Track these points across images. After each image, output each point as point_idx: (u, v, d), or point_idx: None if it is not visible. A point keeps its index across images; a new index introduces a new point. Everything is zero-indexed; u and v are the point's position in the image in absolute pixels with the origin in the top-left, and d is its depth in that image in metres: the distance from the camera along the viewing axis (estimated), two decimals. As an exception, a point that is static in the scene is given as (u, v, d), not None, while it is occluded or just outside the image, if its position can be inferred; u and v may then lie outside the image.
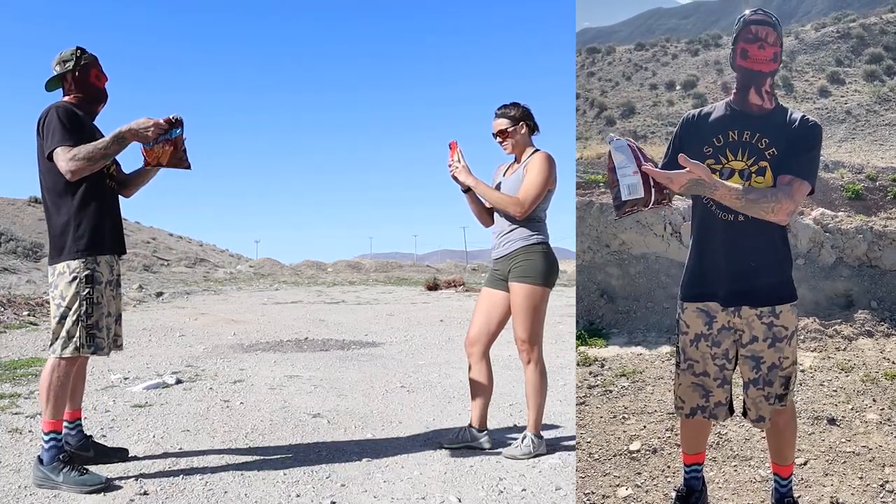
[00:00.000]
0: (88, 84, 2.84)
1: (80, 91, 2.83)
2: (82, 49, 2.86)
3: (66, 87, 2.85)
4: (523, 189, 3.07)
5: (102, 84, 2.90)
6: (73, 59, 2.82)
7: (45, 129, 2.67)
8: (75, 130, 2.68)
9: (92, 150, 2.65)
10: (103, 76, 2.90)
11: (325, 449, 3.23)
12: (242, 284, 20.21)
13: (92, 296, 2.69)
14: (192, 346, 6.76)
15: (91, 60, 2.86)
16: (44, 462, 2.66)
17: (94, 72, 2.86)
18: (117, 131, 2.68)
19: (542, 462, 3.02)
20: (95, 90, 2.87)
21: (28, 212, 25.91)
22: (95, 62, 2.88)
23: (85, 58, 2.84)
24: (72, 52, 2.83)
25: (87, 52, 2.87)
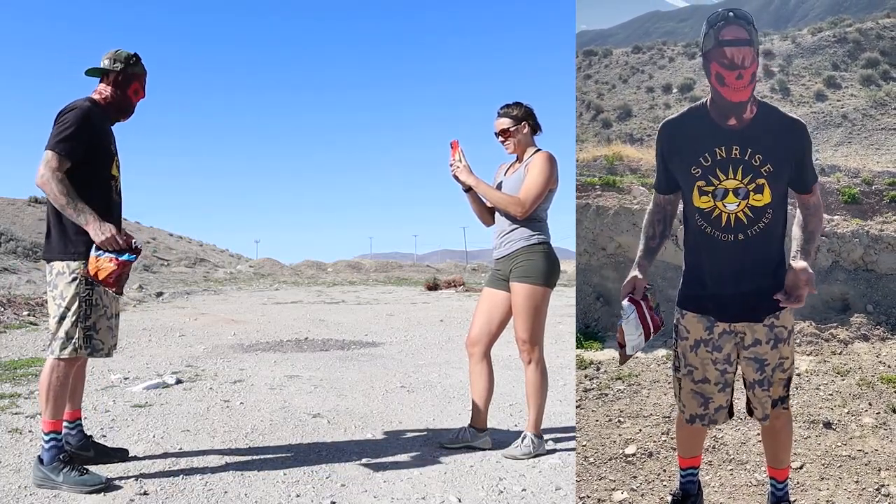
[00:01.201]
0: (124, 93, 2.83)
1: (114, 95, 2.82)
2: (138, 57, 2.85)
3: (104, 80, 2.83)
4: (524, 189, 3.08)
5: (136, 100, 2.89)
6: (125, 63, 2.81)
7: (56, 124, 2.66)
8: (81, 140, 2.65)
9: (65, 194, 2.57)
10: (142, 92, 2.90)
11: (325, 449, 3.25)
12: (242, 284, 20.20)
13: (91, 297, 2.70)
14: (192, 346, 6.76)
15: (139, 73, 2.86)
16: (44, 462, 2.67)
17: (136, 86, 2.86)
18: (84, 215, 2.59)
19: (542, 462, 3.03)
20: (127, 102, 2.86)
21: (28, 212, 25.84)
22: (142, 77, 2.87)
23: (136, 67, 2.84)
24: (127, 56, 2.82)
25: (141, 63, 2.87)
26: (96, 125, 2.74)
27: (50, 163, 2.59)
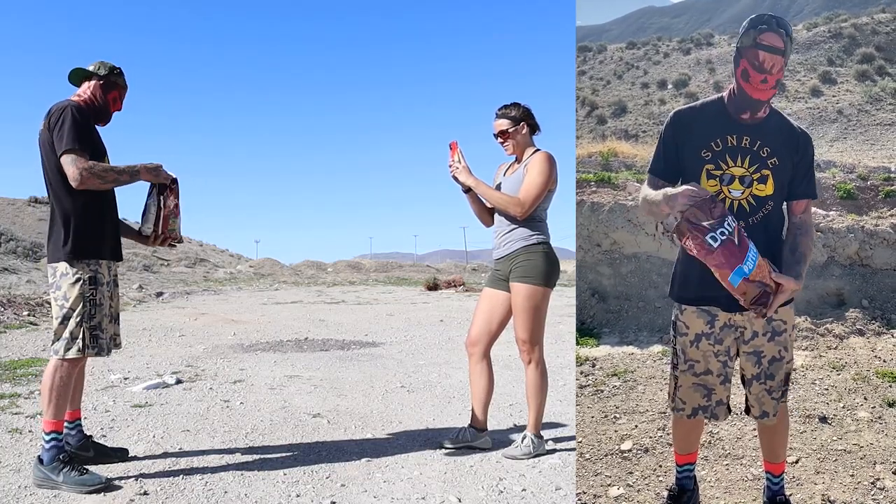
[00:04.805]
0: (104, 99, 2.91)
1: (93, 99, 2.89)
2: (122, 71, 2.97)
3: (84, 84, 2.90)
4: (524, 189, 3.08)
5: (113, 109, 2.97)
6: (108, 72, 2.91)
7: (59, 127, 2.68)
8: (88, 138, 2.73)
9: (108, 170, 2.73)
10: (119, 104, 2.99)
11: (325, 449, 3.26)
12: (242, 284, 20.20)
13: (95, 297, 2.72)
14: (192, 346, 6.77)
15: (120, 85, 2.96)
16: (44, 462, 2.68)
17: (115, 94, 2.94)
18: (134, 166, 2.79)
19: (542, 462, 3.04)
20: (105, 108, 2.93)
21: (28, 212, 25.80)
22: (122, 89, 2.98)
23: (118, 78, 2.94)
24: (112, 68, 2.93)
25: (124, 77, 2.98)
26: (89, 122, 2.81)
27: (77, 162, 2.66)
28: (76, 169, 2.64)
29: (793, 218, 2.19)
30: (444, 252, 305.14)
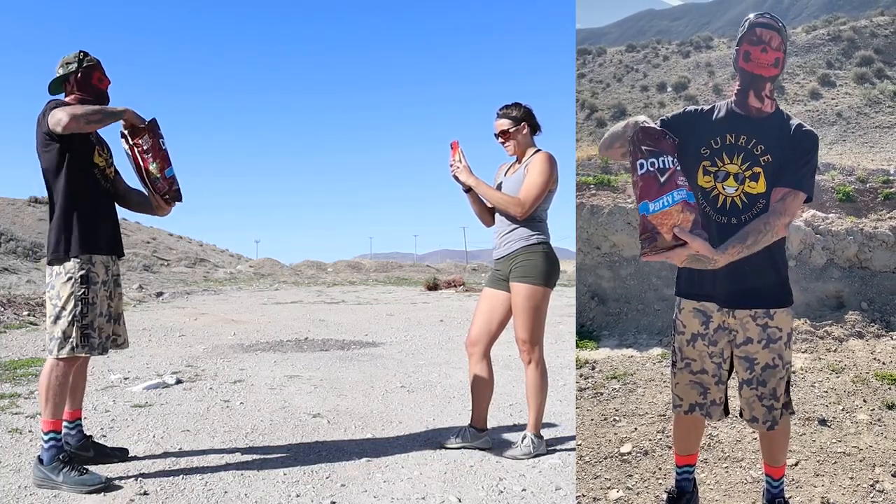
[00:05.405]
0: (91, 86, 2.87)
1: (82, 93, 2.86)
2: (85, 52, 2.89)
3: (68, 90, 2.88)
4: (524, 189, 3.09)
5: (105, 87, 2.93)
6: (77, 61, 2.85)
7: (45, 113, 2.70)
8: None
9: (91, 111, 2.68)
10: (105, 79, 2.93)
11: (325, 449, 3.27)
12: (242, 284, 20.18)
13: (87, 296, 2.71)
14: (192, 346, 6.77)
15: (94, 63, 2.89)
16: (44, 462, 2.68)
17: (97, 75, 2.89)
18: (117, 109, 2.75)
19: (542, 462, 3.05)
20: (97, 92, 2.89)
21: (28, 212, 25.81)
22: (98, 66, 2.91)
23: (88, 60, 2.87)
24: (75, 56, 2.86)
25: (90, 55, 2.90)
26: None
27: (63, 108, 2.64)
28: (62, 113, 2.62)
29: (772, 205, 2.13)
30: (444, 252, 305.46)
